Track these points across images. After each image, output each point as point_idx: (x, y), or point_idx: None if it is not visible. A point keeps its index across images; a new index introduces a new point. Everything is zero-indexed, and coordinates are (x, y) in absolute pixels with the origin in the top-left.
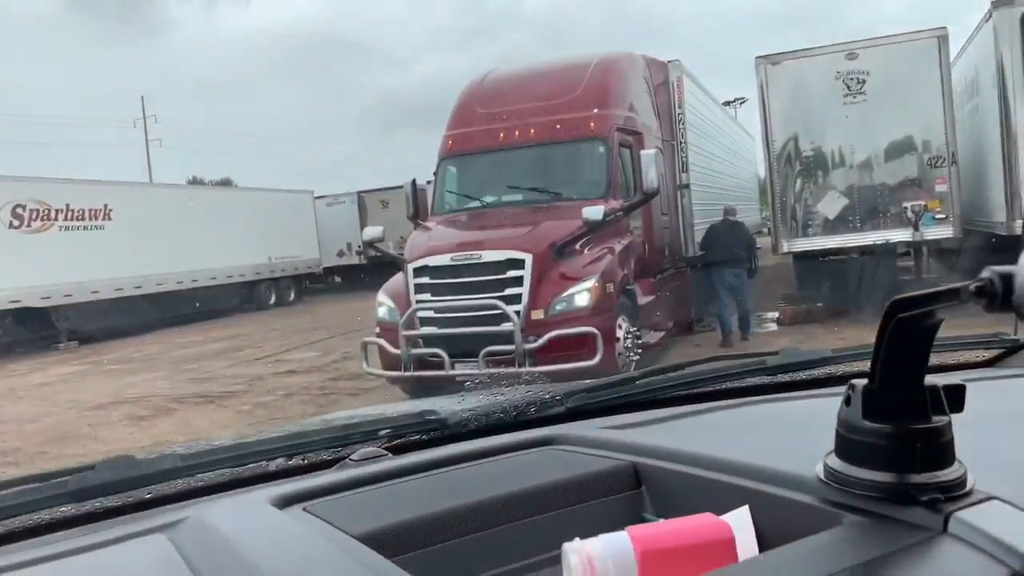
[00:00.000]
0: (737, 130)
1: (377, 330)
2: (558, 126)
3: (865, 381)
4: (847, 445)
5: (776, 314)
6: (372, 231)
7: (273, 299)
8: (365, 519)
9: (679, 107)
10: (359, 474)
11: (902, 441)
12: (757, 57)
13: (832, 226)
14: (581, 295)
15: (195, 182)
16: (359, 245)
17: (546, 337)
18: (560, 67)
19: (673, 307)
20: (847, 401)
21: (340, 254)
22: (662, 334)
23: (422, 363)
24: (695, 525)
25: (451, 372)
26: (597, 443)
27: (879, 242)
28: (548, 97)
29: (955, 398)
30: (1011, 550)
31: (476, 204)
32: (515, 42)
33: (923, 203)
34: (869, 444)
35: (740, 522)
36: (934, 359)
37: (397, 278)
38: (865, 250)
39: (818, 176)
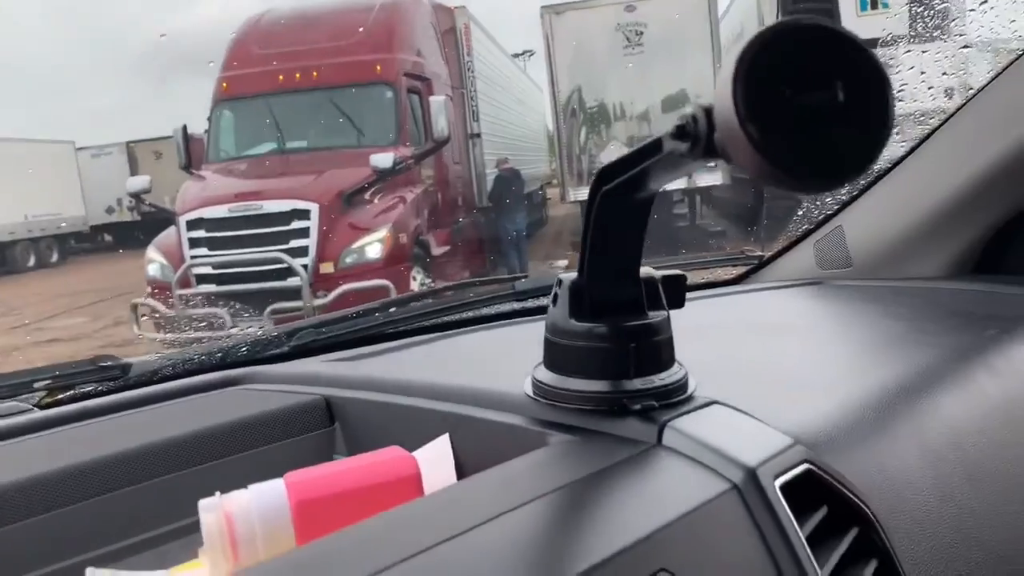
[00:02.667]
0: (527, 81)
1: (148, 290)
2: (342, 69)
3: (575, 275)
4: (554, 352)
5: (564, 262)
6: (137, 181)
7: (32, 261)
8: None
9: (468, 55)
10: None
11: (613, 341)
12: (542, 7)
13: None
14: (373, 246)
15: None
16: (131, 200)
17: (337, 291)
18: (342, 8)
19: (468, 256)
20: (554, 300)
21: (110, 211)
22: None
23: (201, 324)
24: (372, 462)
25: (233, 332)
26: (288, 379)
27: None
28: (331, 39)
29: (675, 291)
30: (731, 460)
31: (256, 151)
32: None
33: None
34: (577, 348)
35: (438, 453)
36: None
37: (169, 232)
38: None
39: (601, 127)
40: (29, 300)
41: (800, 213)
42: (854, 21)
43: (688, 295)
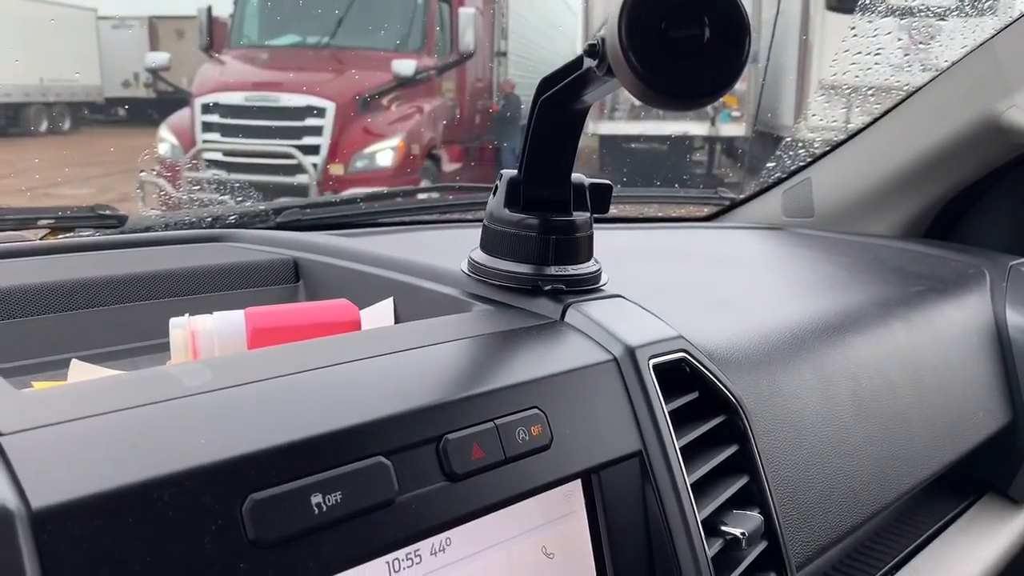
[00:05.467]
0: (562, 4)
1: (157, 168)
2: None
3: (515, 172)
4: (488, 236)
5: None
6: (157, 57)
7: (45, 126)
8: None
9: None
10: None
11: (538, 231)
12: None
13: (637, 112)
14: (384, 153)
15: None
16: (148, 77)
17: (343, 195)
18: None
19: (478, 174)
20: (494, 192)
21: (126, 85)
22: None
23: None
24: (322, 307)
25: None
26: (266, 241)
27: (678, 133)
28: None
29: (600, 197)
30: (615, 338)
31: (278, 42)
32: None
33: (721, 99)
34: (508, 235)
35: (382, 311)
36: (657, 211)
37: (183, 113)
38: (664, 140)
39: None
40: (38, 164)
41: (773, 163)
42: None
43: (657, 225)
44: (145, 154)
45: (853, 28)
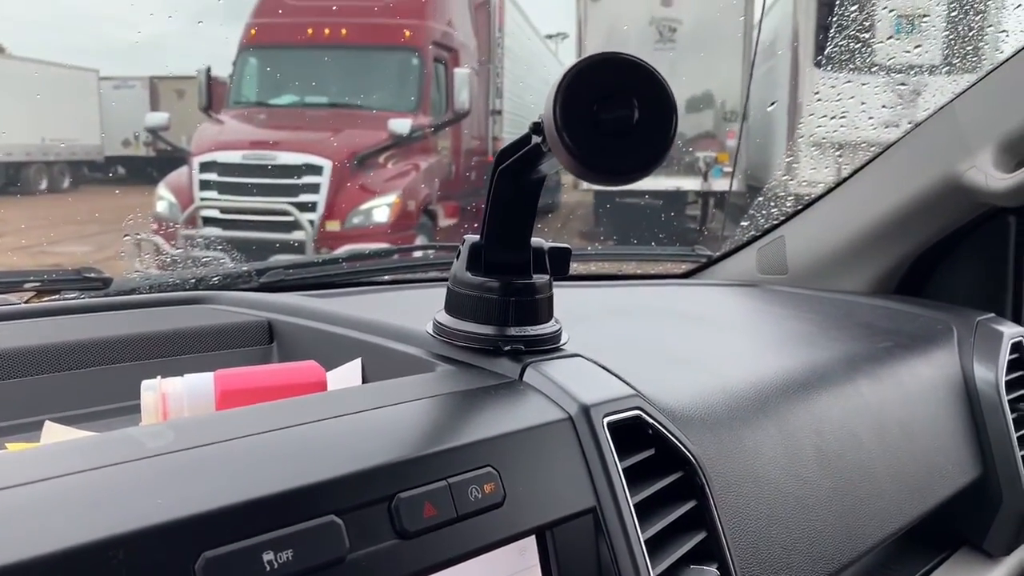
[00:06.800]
0: (556, 64)
1: (154, 226)
2: (372, 30)
3: (477, 237)
4: (452, 298)
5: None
6: (156, 117)
7: (45, 184)
8: None
9: (499, 30)
10: None
11: (498, 294)
12: None
13: None
14: (380, 210)
15: None
16: (148, 136)
17: (340, 251)
18: None
19: (474, 230)
20: (457, 256)
21: (126, 144)
22: None
23: (201, 267)
24: (289, 368)
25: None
26: (243, 303)
27: (671, 189)
28: None
29: (559, 261)
30: (571, 396)
31: (276, 101)
32: None
33: (714, 155)
34: (470, 297)
35: (350, 372)
36: (635, 268)
37: (181, 171)
38: (658, 195)
39: None
40: (37, 222)
41: (747, 222)
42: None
43: (634, 283)
44: (129, 219)
45: (817, 93)
